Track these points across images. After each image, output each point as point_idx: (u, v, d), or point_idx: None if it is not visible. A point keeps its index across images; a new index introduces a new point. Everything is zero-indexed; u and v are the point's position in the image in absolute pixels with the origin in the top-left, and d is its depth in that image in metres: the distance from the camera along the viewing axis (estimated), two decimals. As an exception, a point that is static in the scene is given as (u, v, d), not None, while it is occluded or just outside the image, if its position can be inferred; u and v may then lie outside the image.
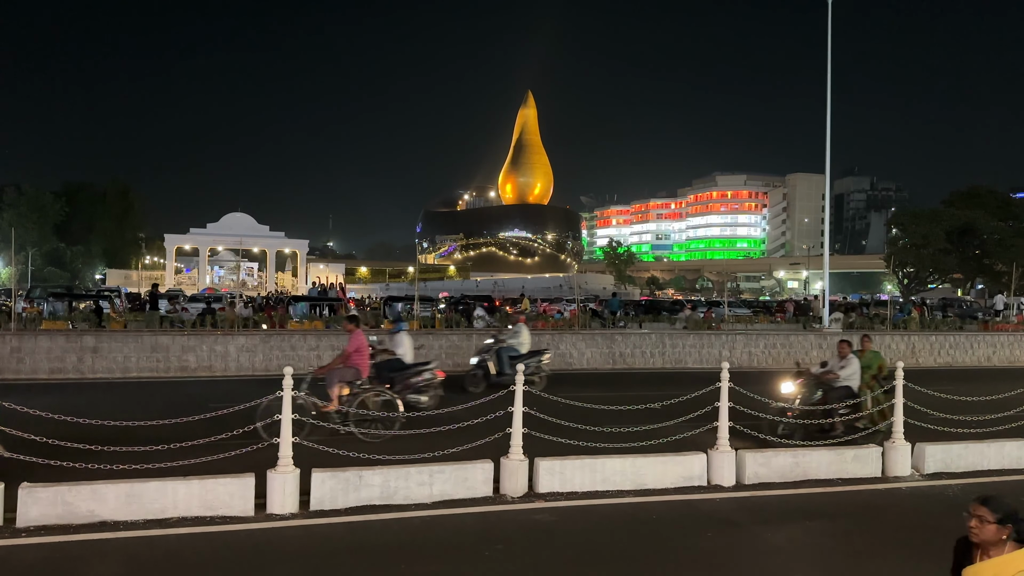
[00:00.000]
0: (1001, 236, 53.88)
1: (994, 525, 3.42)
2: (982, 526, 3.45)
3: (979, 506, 3.49)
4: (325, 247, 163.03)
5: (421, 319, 24.86)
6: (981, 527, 3.45)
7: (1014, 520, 3.43)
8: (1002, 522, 3.41)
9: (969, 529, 3.49)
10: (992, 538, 3.43)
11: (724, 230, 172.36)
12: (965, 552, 3.58)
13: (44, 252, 67.02)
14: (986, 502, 3.48)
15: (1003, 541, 3.42)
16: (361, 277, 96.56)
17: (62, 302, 27.71)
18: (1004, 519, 3.41)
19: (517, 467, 8.52)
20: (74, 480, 7.47)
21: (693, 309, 36.97)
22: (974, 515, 3.49)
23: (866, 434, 11.21)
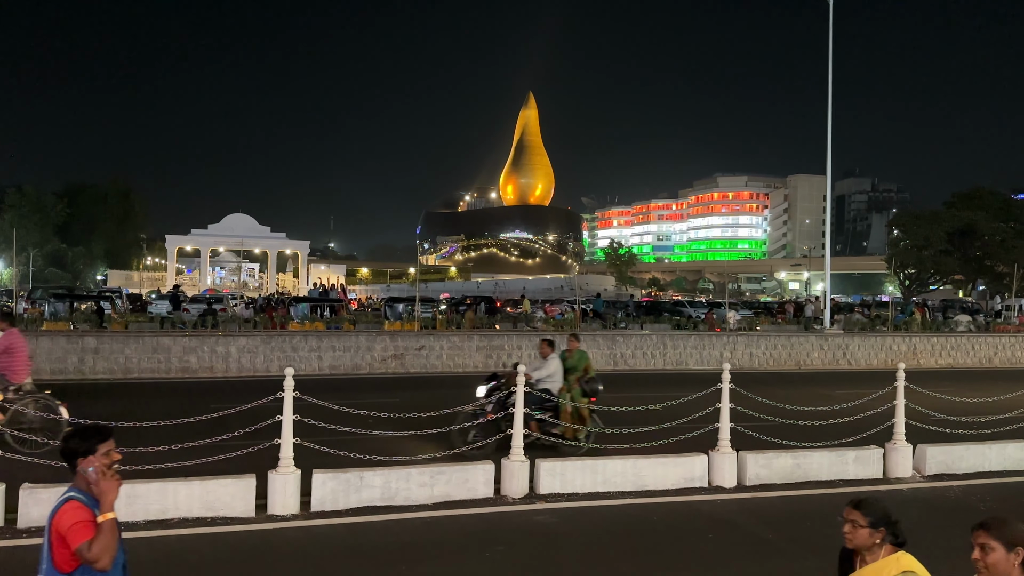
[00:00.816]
0: (1002, 237, 53.82)
1: (867, 529, 3.28)
2: (855, 531, 3.30)
3: (852, 510, 3.35)
4: (326, 248, 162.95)
5: (422, 320, 24.87)
6: (854, 532, 3.30)
7: (887, 523, 3.30)
8: (875, 526, 3.28)
9: (843, 535, 3.34)
10: (866, 542, 3.29)
11: (725, 231, 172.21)
12: (848, 560, 3.41)
13: (45, 253, 66.99)
14: (858, 505, 3.34)
15: (877, 545, 3.29)
16: (362, 278, 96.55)
17: (63, 303, 27.70)
18: (877, 522, 3.28)
19: (518, 468, 8.52)
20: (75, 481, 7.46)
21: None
22: (847, 520, 3.34)
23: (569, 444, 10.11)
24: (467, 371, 20.73)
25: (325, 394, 10.78)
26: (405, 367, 20.50)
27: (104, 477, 3.24)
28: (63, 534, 3.15)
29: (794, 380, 20.50)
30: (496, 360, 21.28)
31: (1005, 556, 3.01)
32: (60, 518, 3.18)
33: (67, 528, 3.14)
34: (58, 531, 3.17)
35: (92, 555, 3.11)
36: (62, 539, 3.15)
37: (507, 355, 21.33)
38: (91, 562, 3.12)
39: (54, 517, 3.19)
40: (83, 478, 3.32)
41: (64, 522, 3.15)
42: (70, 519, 3.16)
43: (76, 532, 3.12)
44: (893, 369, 10.49)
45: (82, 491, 3.30)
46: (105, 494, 3.23)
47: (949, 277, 59.09)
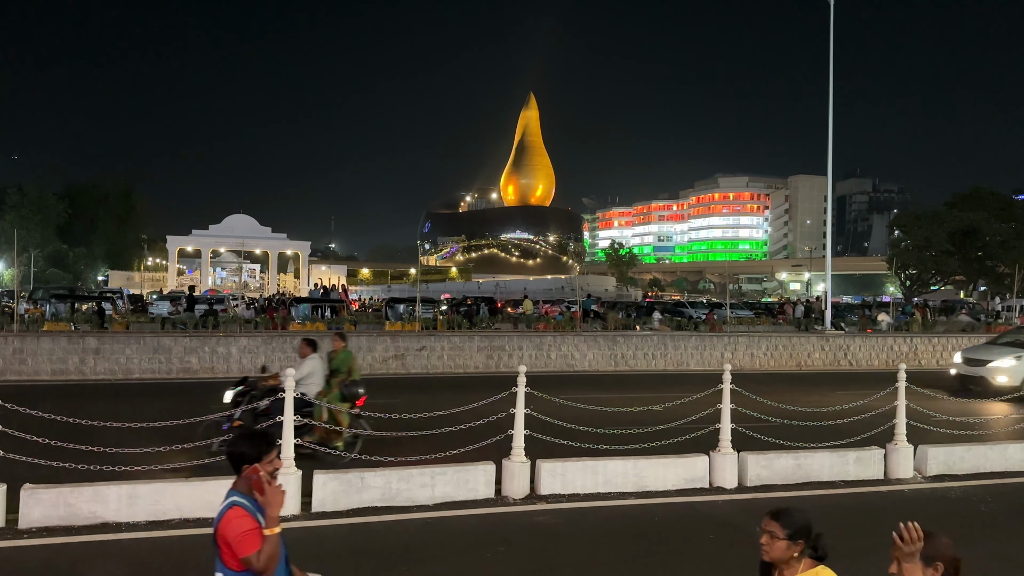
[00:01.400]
0: (1003, 238, 53.78)
1: (785, 541, 3.10)
2: (772, 542, 3.12)
3: (770, 520, 3.17)
4: (327, 249, 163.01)
5: (423, 320, 24.87)
6: (771, 543, 3.12)
7: (806, 535, 3.14)
8: (793, 537, 3.11)
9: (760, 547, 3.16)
10: (783, 555, 3.10)
11: (726, 232, 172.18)
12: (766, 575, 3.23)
13: (46, 253, 67.02)
14: (777, 516, 3.17)
15: (795, 558, 3.11)
16: (363, 279, 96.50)
17: (64, 303, 27.71)
18: (795, 534, 3.11)
19: (519, 469, 8.52)
20: (76, 481, 7.48)
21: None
22: (764, 531, 3.16)
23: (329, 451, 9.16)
24: (468, 372, 20.75)
25: (326, 395, 10.77)
26: (406, 368, 20.50)
27: (270, 487, 3.26)
28: (229, 542, 3.22)
29: (795, 381, 20.49)
30: (497, 360, 21.29)
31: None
32: (226, 526, 3.24)
33: (233, 537, 3.20)
34: (224, 537, 3.24)
35: (260, 566, 3.18)
36: (227, 544, 3.22)
37: (508, 355, 21.34)
38: (258, 572, 3.18)
39: (220, 521, 3.27)
40: (245, 482, 3.36)
41: (230, 531, 3.21)
42: (236, 528, 3.21)
43: (243, 543, 3.18)
44: (894, 370, 10.49)
45: (244, 495, 3.34)
46: (271, 505, 3.24)
47: (950, 278, 59.04)
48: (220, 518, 3.28)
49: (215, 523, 3.30)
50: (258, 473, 3.30)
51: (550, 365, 21.64)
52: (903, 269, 57.00)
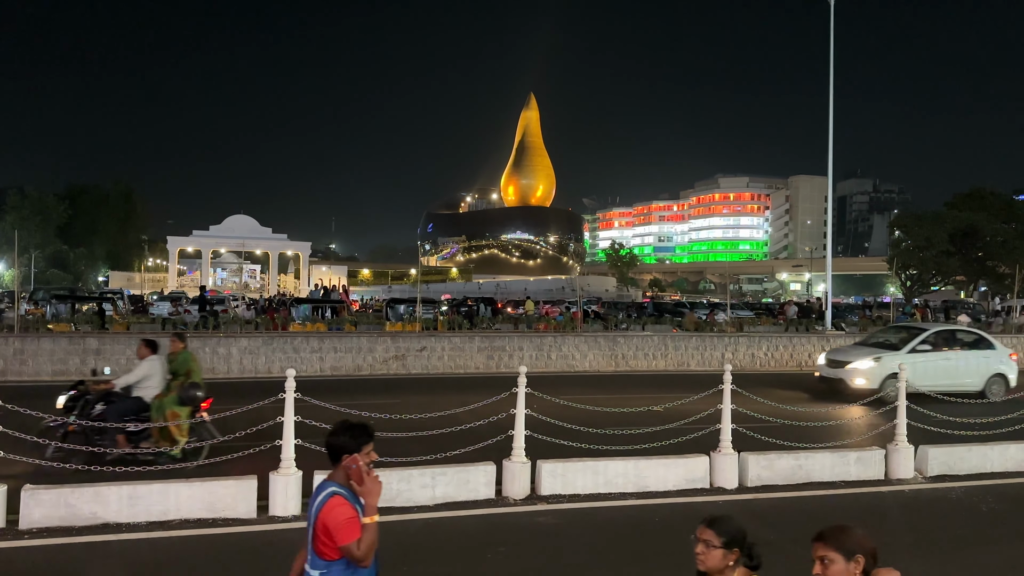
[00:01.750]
0: (1004, 238, 53.73)
1: (720, 550, 3.03)
2: (708, 551, 3.04)
3: (705, 528, 3.08)
4: (327, 249, 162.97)
5: (423, 321, 24.87)
6: (707, 552, 3.04)
7: (742, 543, 3.06)
8: (728, 546, 3.03)
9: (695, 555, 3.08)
10: (718, 564, 3.03)
11: (727, 232, 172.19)
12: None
13: (47, 254, 67.09)
14: (712, 524, 3.09)
15: (730, 567, 3.04)
16: (363, 279, 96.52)
17: (65, 304, 27.72)
18: (731, 542, 3.04)
19: (519, 469, 8.51)
20: (77, 482, 7.48)
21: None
22: (700, 539, 3.08)
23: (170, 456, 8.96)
24: (469, 372, 20.75)
25: (327, 395, 10.79)
26: (407, 368, 20.50)
27: (368, 476, 3.37)
28: (330, 528, 3.28)
29: (796, 381, 20.48)
30: (497, 361, 21.29)
31: (845, 566, 2.91)
32: (327, 514, 3.30)
33: (335, 524, 3.27)
34: (324, 524, 3.30)
35: (360, 554, 3.28)
36: (328, 532, 3.29)
37: (508, 356, 21.34)
38: (358, 560, 3.28)
39: (321, 509, 3.32)
40: (342, 472, 3.43)
41: (332, 518, 3.28)
42: (338, 515, 3.29)
43: (343, 530, 3.26)
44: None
45: (342, 485, 3.41)
46: (369, 494, 3.34)
47: (951, 278, 59.00)
48: (320, 507, 3.33)
49: (313, 512, 3.36)
50: (357, 463, 3.39)
51: (550, 366, 21.64)
52: (903, 269, 56.96)
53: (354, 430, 3.50)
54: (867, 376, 15.98)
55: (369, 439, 3.50)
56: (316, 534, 3.32)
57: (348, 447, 3.44)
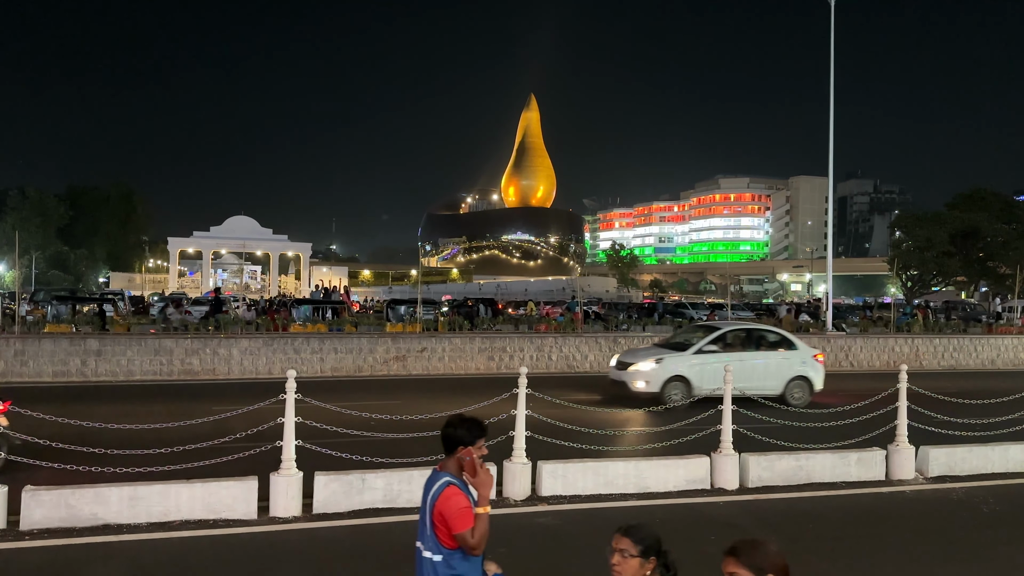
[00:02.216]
0: (1005, 239, 53.67)
1: (637, 559, 2.96)
2: (624, 561, 2.96)
3: (621, 537, 3.01)
4: (328, 250, 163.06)
5: (424, 322, 24.85)
6: (624, 563, 2.97)
7: (658, 552, 3.00)
8: (645, 554, 2.97)
9: (611, 566, 3.00)
10: (635, 574, 2.97)
11: (727, 233, 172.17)
12: None
13: (48, 255, 67.09)
14: (628, 532, 3.01)
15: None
16: (364, 280, 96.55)
17: (66, 305, 27.71)
18: (647, 551, 2.97)
19: (520, 470, 8.51)
20: (77, 483, 7.48)
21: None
22: (616, 549, 3.00)
23: None
24: (469, 373, 20.75)
25: (327, 396, 10.80)
26: (407, 369, 20.50)
27: (481, 469, 3.50)
28: (446, 517, 3.43)
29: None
30: (498, 362, 21.29)
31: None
32: (444, 503, 3.45)
33: (451, 513, 3.42)
34: (441, 513, 3.45)
35: (474, 542, 3.42)
36: (443, 520, 3.44)
37: (509, 357, 21.34)
38: (471, 548, 3.42)
39: (437, 498, 3.48)
40: (455, 463, 3.59)
41: (448, 507, 3.43)
42: (454, 505, 3.43)
43: (459, 518, 3.41)
44: (896, 371, 10.47)
45: (455, 476, 3.56)
46: (482, 486, 3.47)
47: (951, 279, 58.94)
48: (437, 496, 3.47)
49: (430, 501, 3.50)
50: (471, 456, 3.53)
51: (551, 367, 21.63)
52: (904, 270, 56.92)
53: (470, 424, 3.64)
54: (648, 378, 14.96)
55: (483, 433, 3.63)
56: (435, 522, 3.47)
57: (464, 439, 3.58)
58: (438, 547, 3.48)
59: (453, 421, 3.68)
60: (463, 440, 3.58)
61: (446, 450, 3.63)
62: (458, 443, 3.59)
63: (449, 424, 3.67)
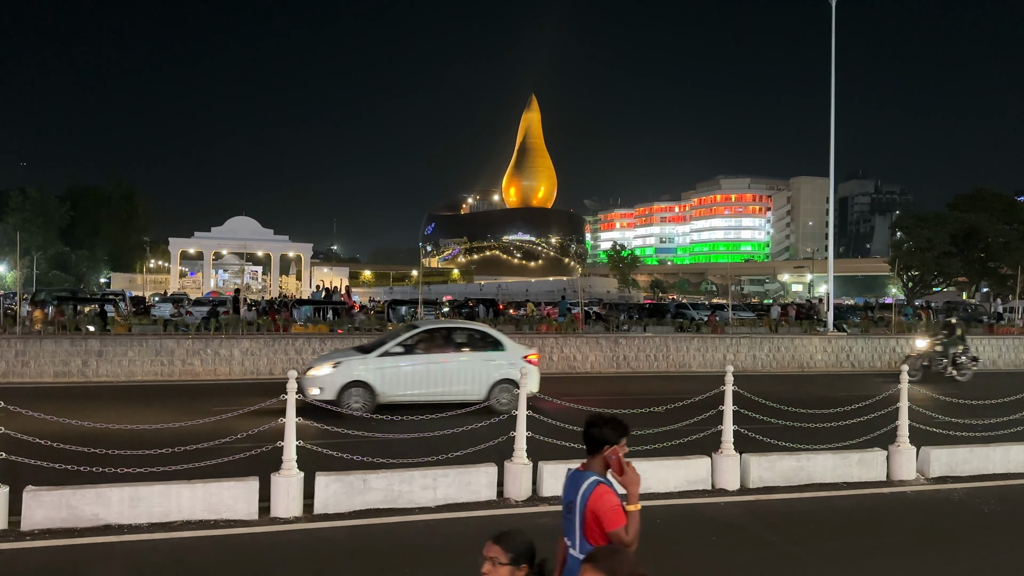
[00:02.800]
0: (1006, 239, 53.63)
1: (507, 567, 2.94)
2: (495, 569, 2.95)
3: (491, 545, 2.99)
4: (329, 251, 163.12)
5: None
6: (494, 571, 2.95)
7: (530, 558, 3.00)
8: (516, 562, 2.95)
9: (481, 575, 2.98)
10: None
11: (728, 233, 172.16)
12: None
13: (49, 256, 67.11)
14: (499, 540, 3.00)
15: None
16: (365, 281, 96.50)
17: (67, 306, 27.74)
18: (518, 558, 2.96)
19: (521, 471, 8.51)
20: (78, 483, 7.48)
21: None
22: (486, 557, 2.97)
23: None
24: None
25: (328, 397, 10.80)
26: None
27: (628, 467, 3.57)
28: (599, 515, 3.48)
29: (798, 382, 20.47)
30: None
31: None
32: (596, 501, 3.50)
33: (604, 511, 3.47)
34: (593, 511, 3.50)
35: (629, 539, 3.47)
36: (596, 518, 3.48)
37: (510, 357, 21.30)
38: (626, 545, 3.44)
39: (589, 497, 3.52)
40: (600, 462, 3.64)
41: (601, 505, 3.48)
42: (607, 503, 3.49)
43: (612, 517, 3.47)
44: (896, 371, 10.47)
45: (602, 475, 3.63)
46: (631, 483, 3.55)
47: (953, 279, 58.90)
48: (588, 495, 3.51)
49: (580, 500, 3.53)
50: (617, 455, 3.58)
51: (552, 367, 21.63)
52: (905, 271, 56.90)
53: (614, 423, 3.70)
54: (322, 384, 13.40)
55: (627, 432, 3.70)
56: (586, 521, 3.50)
57: (610, 439, 3.63)
58: (587, 545, 3.51)
59: (597, 421, 3.72)
60: (609, 440, 3.63)
61: (590, 450, 3.68)
62: (604, 443, 3.64)
63: (593, 424, 3.71)
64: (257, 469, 8.03)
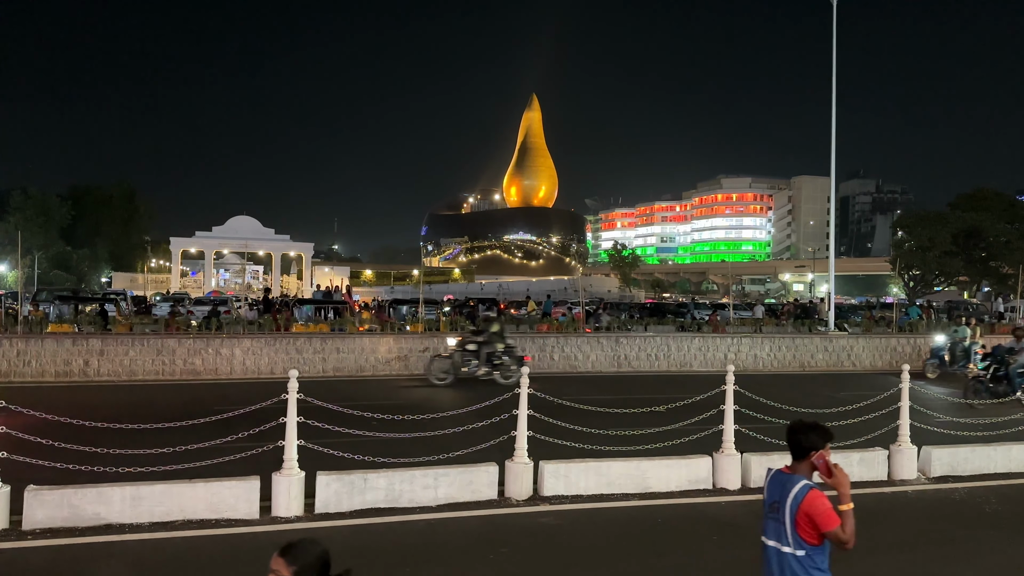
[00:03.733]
0: (1007, 238, 53.61)
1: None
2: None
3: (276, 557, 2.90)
4: (330, 250, 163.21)
5: (426, 322, 24.87)
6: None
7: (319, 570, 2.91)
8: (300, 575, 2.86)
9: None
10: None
11: (729, 232, 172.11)
12: None
13: (50, 255, 67.14)
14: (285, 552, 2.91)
15: None
16: (366, 280, 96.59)
17: (68, 305, 27.75)
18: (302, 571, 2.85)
19: (522, 470, 8.52)
20: (80, 483, 7.49)
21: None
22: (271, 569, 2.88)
23: None
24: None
25: (329, 396, 10.80)
26: (409, 369, 20.50)
27: (837, 469, 3.77)
28: (814, 518, 3.70)
29: (798, 382, 20.46)
30: (500, 362, 21.24)
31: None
32: (810, 504, 3.71)
33: (818, 514, 3.69)
34: (807, 514, 3.71)
35: (846, 537, 3.73)
36: (810, 520, 3.71)
37: (511, 357, 21.29)
38: (843, 542, 3.72)
39: (802, 501, 3.73)
40: (807, 466, 3.85)
41: (815, 508, 3.70)
42: (821, 506, 3.70)
43: (827, 518, 3.69)
44: (898, 370, 10.46)
45: (809, 479, 3.83)
46: (841, 485, 3.76)
47: (954, 279, 58.89)
48: (801, 499, 3.72)
49: (792, 503, 3.74)
50: (824, 459, 3.79)
51: (553, 366, 21.63)
52: (906, 270, 56.89)
53: (819, 430, 3.87)
54: None
55: (831, 437, 3.88)
56: (798, 522, 3.73)
57: (816, 444, 3.82)
58: (801, 543, 3.74)
59: (801, 428, 3.89)
60: (816, 445, 3.81)
61: (796, 455, 3.87)
62: (811, 448, 3.81)
63: (798, 431, 3.88)
64: (258, 468, 8.03)
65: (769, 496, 3.95)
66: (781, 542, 3.82)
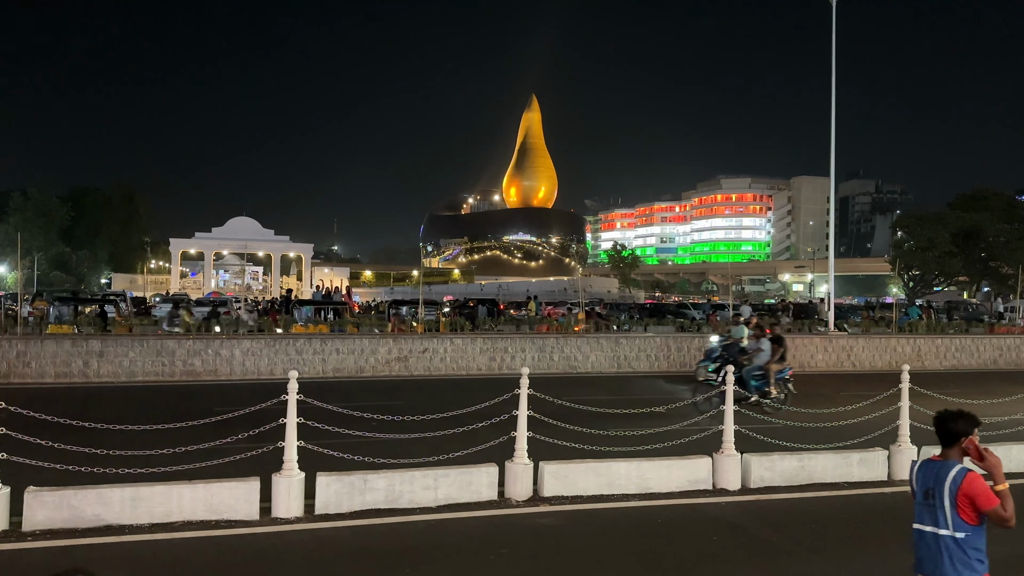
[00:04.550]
0: (1007, 239, 53.63)
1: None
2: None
3: None
4: (330, 251, 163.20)
5: (426, 322, 24.87)
6: None
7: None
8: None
9: None
10: None
11: (729, 233, 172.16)
12: None
13: (50, 256, 67.15)
14: None
15: None
16: (366, 281, 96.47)
17: (68, 306, 27.74)
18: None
19: (522, 471, 8.51)
20: (80, 484, 7.49)
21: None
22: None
23: None
24: (471, 373, 20.75)
25: (329, 397, 10.79)
26: (409, 370, 20.51)
27: (987, 452, 4.04)
28: (974, 499, 3.92)
29: (799, 382, 20.45)
30: (500, 362, 21.28)
31: None
32: (970, 486, 3.94)
33: (978, 494, 3.92)
34: (967, 496, 3.94)
35: (1007, 514, 3.90)
36: (970, 500, 3.93)
37: (510, 357, 21.33)
38: (1004, 520, 3.90)
39: (961, 483, 3.95)
40: (958, 452, 4.10)
41: (974, 489, 3.93)
42: (979, 487, 3.94)
43: (987, 498, 3.91)
44: (897, 371, 10.46)
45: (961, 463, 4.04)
46: (996, 467, 4.01)
47: (953, 279, 58.91)
48: (960, 482, 3.95)
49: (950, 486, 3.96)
50: (974, 443, 4.05)
51: (552, 367, 21.64)
52: (906, 270, 56.91)
53: (967, 417, 4.13)
54: None
55: (979, 423, 4.14)
56: (958, 504, 3.95)
57: (966, 431, 4.07)
58: (962, 525, 3.95)
59: (950, 416, 4.14)
60: (966, 432, 4.07)
61: (946, 442, 4.11)
62: (961, 435, 4.07)
63: (947, 419, 4.14)
64: (258, 469, 8.03)
65: (922, 484, 4.15)
66: (939, 526, 4.02)
